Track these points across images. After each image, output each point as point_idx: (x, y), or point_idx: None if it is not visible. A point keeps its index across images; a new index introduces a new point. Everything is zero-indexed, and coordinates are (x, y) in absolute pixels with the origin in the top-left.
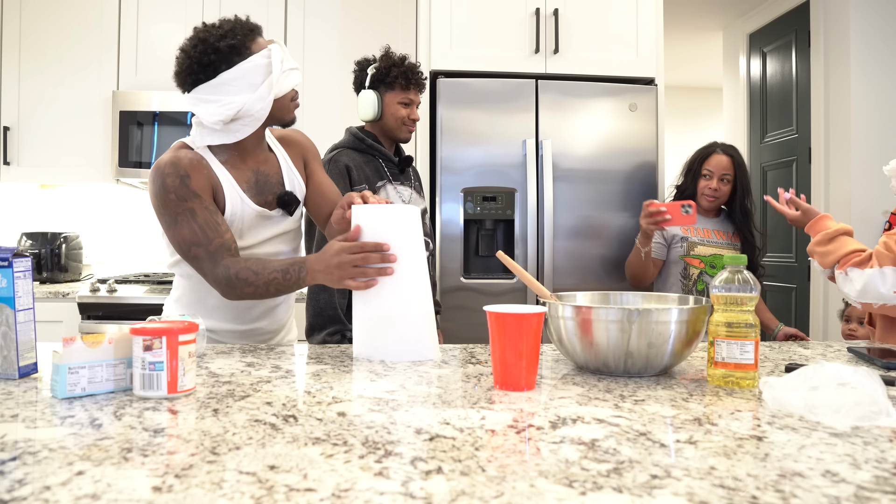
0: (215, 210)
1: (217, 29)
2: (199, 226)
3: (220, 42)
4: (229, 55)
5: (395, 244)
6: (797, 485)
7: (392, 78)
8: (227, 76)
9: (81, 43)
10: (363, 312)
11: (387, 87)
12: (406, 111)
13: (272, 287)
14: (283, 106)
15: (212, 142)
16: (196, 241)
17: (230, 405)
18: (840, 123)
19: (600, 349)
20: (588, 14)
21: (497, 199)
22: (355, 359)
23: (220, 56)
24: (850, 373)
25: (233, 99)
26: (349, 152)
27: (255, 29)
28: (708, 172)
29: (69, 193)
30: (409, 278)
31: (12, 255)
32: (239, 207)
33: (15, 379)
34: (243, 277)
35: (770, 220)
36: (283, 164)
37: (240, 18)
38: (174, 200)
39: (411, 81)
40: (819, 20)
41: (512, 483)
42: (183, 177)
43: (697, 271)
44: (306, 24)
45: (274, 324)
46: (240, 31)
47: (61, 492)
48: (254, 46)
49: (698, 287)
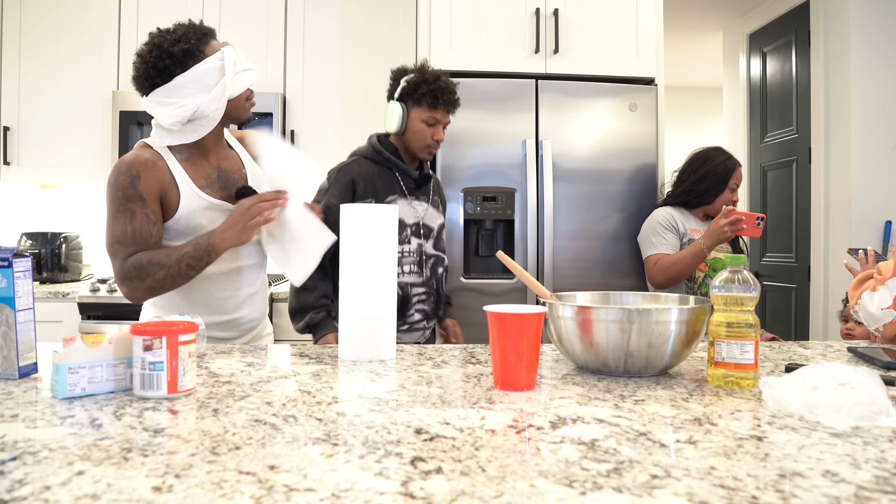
0: (156, 220)
1: (171, 34)
2: (132, 228)
3: (173, 47)
4: (183, 59)
5: (372, 241)
6: (797, 485)
7: (420, 95)
8: (182, 79)
9: (81, 43)
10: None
11: (414, 103)
12: (430, 131)
13: (184, 263)
14: (238, 106)
15: (171, 142)
16: (123, 241)
17: (230, 405)
18: (840, 123)
19: (600, 349)
20: (588, 14)
21: (497, 199)
22: (354, 360)
23: (175, 60)
24: (850, 373)
25: (188, 101)
26: (364, 162)
27: (208, 33)
28: (735, 185)
29: (69, 193)
30: (386, 277)
31: (12, 255)
32: (195, 202)
33: (15, 379)
34: (156, 261)
35: (770, 220)
36: (246, 162)
37: (193, 22)
38: (120, 198)
39: (440, 101)
40: (819, 20)
41: (512, 483)
42: (134, 177)
43: (702, 275)
44: (306, 24)
45: (254, 312)
46: (193, 35)
47: (61, 492)
48: (207, 49)
49: (702, 290)
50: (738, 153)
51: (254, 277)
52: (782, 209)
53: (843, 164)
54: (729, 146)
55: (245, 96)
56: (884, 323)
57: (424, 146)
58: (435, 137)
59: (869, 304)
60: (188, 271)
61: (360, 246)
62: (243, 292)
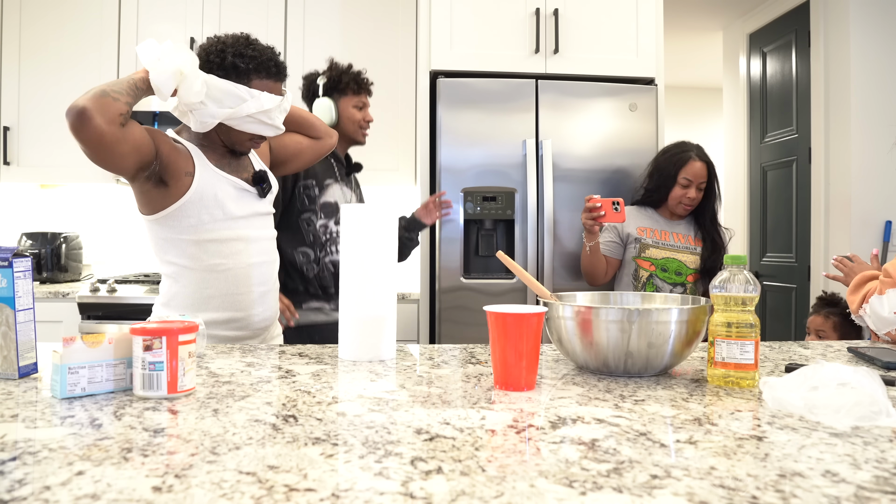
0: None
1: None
2: (139, 128)
3: (235, 58)
4: (231, 71)
5: (372, 242)
6: (797, 485)
7: (344, 84)
8: (216, 81)
9: (81, 42)
10: (348, 314)
11: (340, 94)
12: (360, 114)
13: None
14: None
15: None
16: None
17: (230, 405)
18: (840, 123)
19: (600, 349)
20: (588, 14)
21: (497, 199)
22: (354, 360)
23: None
24: (850, 373)
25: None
26: None
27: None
28: (686, 182)
29: (69, 193)
30: (386, 277)
31: (12, 255)
32: (209, 173)
33: (15, 379)
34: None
35: (770, 220)
36: (254, 159)
37: (278, 59)
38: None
39: (362, 86)
40: (819, 20)
41: (512, 483)
42: (149, 129)
43: (647, 273)
44: (306, 23)
45: (267, 310)
46: (258, 65)
47: (61, 492)
48: (255, 83)
49: (647, 289)
50: (738, 153)
51: (266, 276)
52: (782, 209)
53: (843, 164)
54: (729, 146)
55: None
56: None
57: (358, 129)
58: (367, 119)
59: (879, 309)
60: (136, 93)
61: (360, 246)
62: (256, 290)
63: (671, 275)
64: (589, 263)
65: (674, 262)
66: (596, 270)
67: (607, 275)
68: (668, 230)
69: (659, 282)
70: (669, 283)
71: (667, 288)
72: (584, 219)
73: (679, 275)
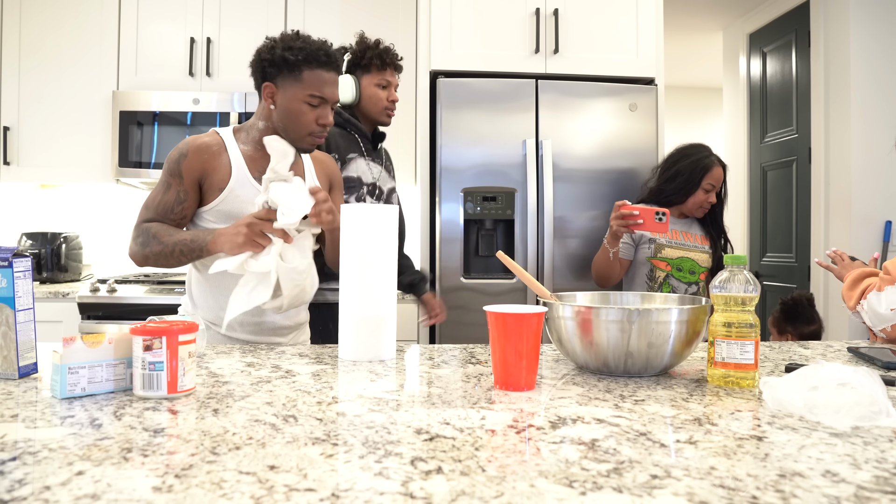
0: (185, 199)
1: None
2: (161, 199)
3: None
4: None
5: (372, 241)
6: (797, 485)
7: (368, 60)
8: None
9: (81, 43)
10: (348, 314)
11: (363, 70)
12: (384, 93)
13: (178, 248)
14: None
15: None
16: (149, 206)
17: (230, 405)
18: (840, 123)
19: (600, 349)
20: (588, 14)
21: (497, 199)
22: (354, 360)
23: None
24: (850, 373)
25: None
26: None
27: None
28: (710, 187)
29: (69, 193)
30: (386, 277)
31: (12, 255)
32: (245, 187)
33: (15, 379)
34: (158, 236)
35: (770, 220)
36: (307, 172)
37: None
38: (166, 170)
39: (387, 62)
40: (819, 20)
41: (512, 483)
42: (182, 155)
43: (664, 273)
44: (306, 24)
45: (288, 319)
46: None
47: (61, 492)
48: (306, 73)
49: (664, 289)
50: (738, 153)
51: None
52: (782, 209)
53: (843, 164)
54: (729, 146)
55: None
56: (892, 324)
57: (382, 108)
58: (390, 99)
59: (877, 305)
60: (180, 257)
61: (360, 246)
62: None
63: (686, 274)
64: (607, 267)
65: (688, 262)
66: (612, 273)
67: (619, 276)
68: (680, 229)
69: (675, 281)
70: (685, 282)
71: (682, 287)
72: (616, 225)
73: (693, 273)
